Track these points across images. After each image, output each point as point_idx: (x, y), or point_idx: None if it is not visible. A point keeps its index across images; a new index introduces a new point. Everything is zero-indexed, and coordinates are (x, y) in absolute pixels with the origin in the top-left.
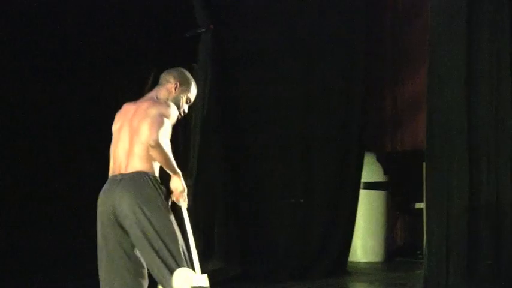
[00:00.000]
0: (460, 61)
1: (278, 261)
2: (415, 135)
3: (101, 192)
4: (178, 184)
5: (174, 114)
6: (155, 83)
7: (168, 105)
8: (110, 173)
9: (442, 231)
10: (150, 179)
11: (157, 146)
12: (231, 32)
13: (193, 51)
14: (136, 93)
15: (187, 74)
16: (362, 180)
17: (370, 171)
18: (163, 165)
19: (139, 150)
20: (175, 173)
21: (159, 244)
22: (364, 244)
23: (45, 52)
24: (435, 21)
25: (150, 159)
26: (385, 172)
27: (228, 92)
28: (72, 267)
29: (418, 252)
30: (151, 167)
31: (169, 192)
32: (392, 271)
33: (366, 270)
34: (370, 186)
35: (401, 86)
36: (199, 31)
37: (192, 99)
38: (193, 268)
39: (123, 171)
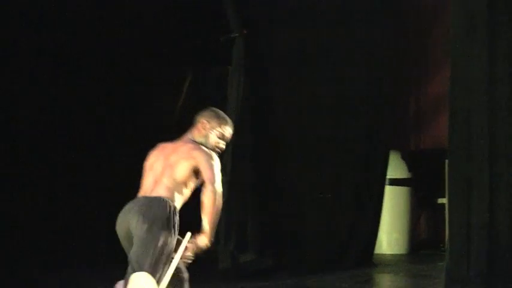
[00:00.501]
0: (481, 63)
1: (308, 253)
2: (437, 135)
3: (122, 210)
4: (205, 241)
5: (218, 164)
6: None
7: (212, 157)
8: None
9: (463, 225)
10: (168, 203)
11: (217, 193)
12: (263, 36)
13: (227, 54)
14: (174, 94)
15: (217, 112)
16: (387, 177)
17: (395, 168)
18: (206, 213)
19: (168, 182)
20: (211, 227)
21: (145, 252)
22: (390, 237)
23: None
24: (456, 25)
25: (175, 192)
26: (409, 169)
27: (260, 93)
28: None
29: (441, 245)
30: (174, 197)
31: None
32: (416, 263)
33: (391, 262)
34: (395, 182)
35: (424, 88)
36: (232, 36)
37: (226, 134)
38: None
39: (147, 195)
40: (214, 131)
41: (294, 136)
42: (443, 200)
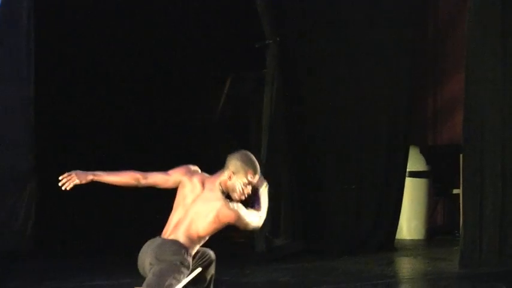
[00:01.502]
0: (493, 65)
1: (335, 238)
2: (453, 131)
3: (142, 248)
4: None
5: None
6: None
7: (238, 216)
8: None
9: (476, 213)
10: (182, 248)
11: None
12: (294, 43)
13: (263, 59)
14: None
15: (245, 160)
16: (407, 170)
17: (414, 161)
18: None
19: (188, 229)
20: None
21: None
22: (409, 224)
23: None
24: (471, 30)
25: (192, 239)
26: (427, 162)
27: (292, 95)
28: None
29: (455, 231)
30: (190, 244)
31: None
32: (433, 247)
33: (411, 247)
34: (414, 174)
35: (441, 88)
36: (267, 42)
37: (252, 180)
38: None
39: (164, 237)
40: (241, 181)
41: (323, 132)
42: (458, 191)
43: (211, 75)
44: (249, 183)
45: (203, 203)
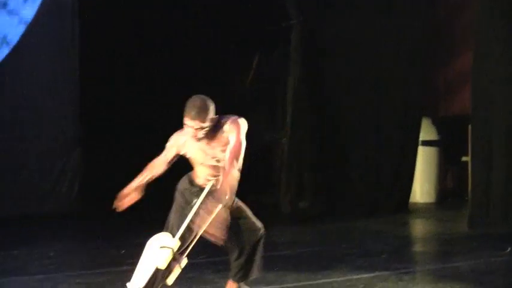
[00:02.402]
0: (500, 42)
1: (355, 201)
2: (462, 103)
3: None
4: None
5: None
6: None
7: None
8: None
9: (484, 179)
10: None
11: None
12: (316, 23)
13: (288, 38)
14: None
15: (188, 103)
16: (420, 139)
17: (427, 131)
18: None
19: None
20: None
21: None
22: (422, 188)
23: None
24: (480, 10)
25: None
26: (438, 132)
27: (315, 72)
28: None
29: (464, 195)
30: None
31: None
32: (444, 210)
33: (423, 209)
34: (426, 143)
35: (451, 63)
36: (292, 23)
37: (187, 124)
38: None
39: None
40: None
41: (343, 105)
42: (467, 158)
43: (242, 52)
44: (186, 125)
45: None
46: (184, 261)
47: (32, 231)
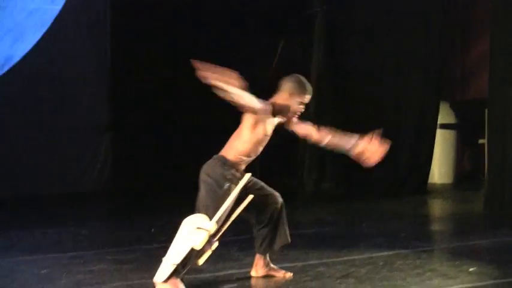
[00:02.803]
0: None
1: (375, 183)
2: (479, 88)
3: None
4: None
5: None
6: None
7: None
8: None
9: (500, 160)
10: (223, 160)
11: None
12: (339, 11)
13: (311, 25)
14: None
15: (299, 82)
16: (438, 122)
17: (445, 115)
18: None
19: (230, 141)
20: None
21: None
22: (440, 170)
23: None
24: None
25: (235, 150)
26: (456, 116)
27: (337, 57)
28: None
29: (481, 176)
30: (233, 156)
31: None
32: (461, 190)
33: (441, 190)
34: (444, 126)
35: (469, 49)
36: (315, 10)
37: (305, 101)
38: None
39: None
40: (296, 100)
41: (363, 91)
42: (483, 141)
43: (267, 39)
44: (302, 103)
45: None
46: (215, 244)
47: (64, 210)
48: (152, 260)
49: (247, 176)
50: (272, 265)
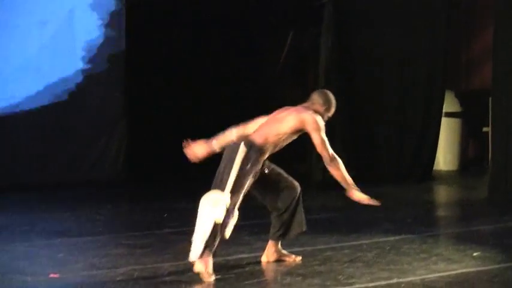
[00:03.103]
0: None
1: (382, 170)
2: (483, 78)
3: None
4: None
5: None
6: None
7: (318, 129)
8: None
9: (503, 148)
10: (250, 142)
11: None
12: (347, 2)
13: (320, 17)
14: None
15: (329, 98)
16: (444, 111)
17: (450, 104)
18: (337, 177)
19: (262, 129)
20: (345, 182)
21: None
22: (445, 157)
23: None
24: None
25: (265, 138)
26: (461, 105)
27: (344, 47)
28: None
29: (485, 163)
30: (262, 141)
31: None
32: (465, 177)
33: (446, 176)
34: (449, 115)
35: (473, 40)
36: (324, 1)
37: (330, 116)
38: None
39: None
40: (326, 114)
41: (371, 81)
42: (487, 129)
43: (277, 30)
44: (328, 117)
45: (286, 112)
46: (236, 214)
47: (81, 196)
48: (164, 244)
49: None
50: (283, 251)
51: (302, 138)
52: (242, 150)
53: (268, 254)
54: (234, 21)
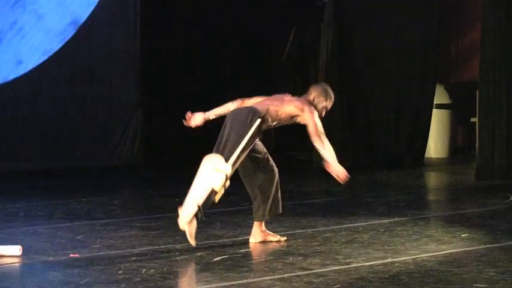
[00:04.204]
0: (504, 18)
1: (378, 156)
2: (471, 71)
3: None
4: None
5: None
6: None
7: (313, 114)
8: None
9: (489, 136)
10: (253, 110)
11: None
12: (348, 2)
13: (321, 14)
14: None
15: (326, 89)
16: (434, 102)
17: (440, 96)
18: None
19: (265, 102)
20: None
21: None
22: (435, 145)
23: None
24: None
25: (267, 110)
26: (450, 96)
27: (344, 43)
28: None
29: (472, 151)
30: (264, 111)
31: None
32: (454, 164)
33: (436, 163)
34: (440, 106)
35: (462, 36)
36: (324, 1)
37: (329, 107)
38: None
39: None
40: (322, 104)
41: (368, 73)
42: (475, 119)
43: (280, 26)
44: (326, 108)
45: (288, 98)
46: (227, 183)
47: (98, 181)
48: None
49: (259, 120)
50: (268, 231)
51: (303, 127)
52: (258, 122)
53: (255, 235)
54: (237, 16)
